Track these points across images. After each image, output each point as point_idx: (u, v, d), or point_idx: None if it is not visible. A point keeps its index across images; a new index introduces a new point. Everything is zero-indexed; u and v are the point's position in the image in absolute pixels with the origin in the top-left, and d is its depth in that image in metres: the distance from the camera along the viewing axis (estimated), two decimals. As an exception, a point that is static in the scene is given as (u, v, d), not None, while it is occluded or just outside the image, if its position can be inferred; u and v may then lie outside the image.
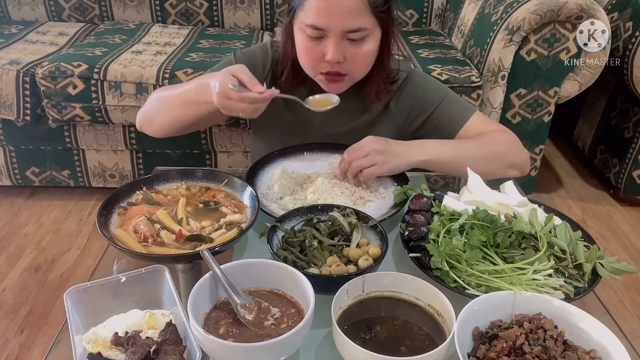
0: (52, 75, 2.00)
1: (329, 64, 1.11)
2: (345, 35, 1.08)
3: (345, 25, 1.06)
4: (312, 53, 1.12)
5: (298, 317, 0.76)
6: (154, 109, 1.22)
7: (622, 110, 2.42)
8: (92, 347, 0.73)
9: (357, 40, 1.09)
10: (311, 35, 1.09)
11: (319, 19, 1.06)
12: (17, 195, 2.36)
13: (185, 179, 1.08)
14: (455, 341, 0.69)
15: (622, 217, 2.39)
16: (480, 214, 0.92)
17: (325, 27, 1.07)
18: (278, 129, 1.32)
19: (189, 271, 0.92)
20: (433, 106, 1.25)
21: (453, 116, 1.24)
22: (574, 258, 0.89)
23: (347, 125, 1.29)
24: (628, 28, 2.17)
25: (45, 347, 1.63)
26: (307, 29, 1.09)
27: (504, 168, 1.19)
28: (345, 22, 1.06)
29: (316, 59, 1.12)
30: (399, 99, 1.27)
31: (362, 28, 1.07)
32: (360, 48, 1.10)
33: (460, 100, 1.29)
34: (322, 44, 1.09)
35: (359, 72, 1.17)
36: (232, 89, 1.00)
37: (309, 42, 1.10)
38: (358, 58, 1.12)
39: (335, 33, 1.07)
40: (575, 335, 0.75)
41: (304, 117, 1.28)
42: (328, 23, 1.06)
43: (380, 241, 0.94)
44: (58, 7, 2.64)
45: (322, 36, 1.09)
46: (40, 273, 1.94)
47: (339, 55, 1.09)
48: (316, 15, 1.06)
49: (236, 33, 2.58)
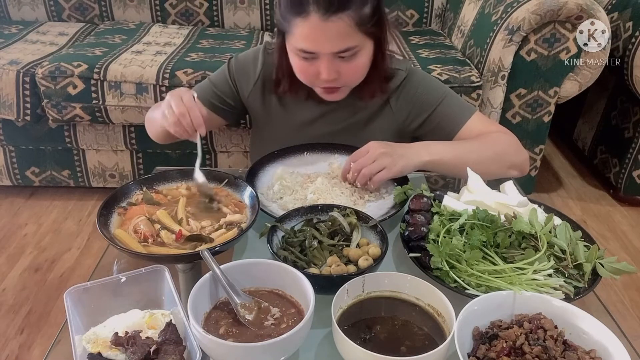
0: (52, 75, 2.00)
1: (325, 81, 1.13)
2: (336, 55, 1.10)
3: (334, 48, 1.08)
4: (307, 72, 1.15)
5: (298, 317, 0.76)
6: (147, 127, 1.36)
7: (622, 110, 2.42)
8: (92, 347, 0.73)
9: (349, 57, 1.11)
10: (304, 57, 1.12)
11: (307, 44, 1.09)
12: (17, 195, 2.36)
13: (185, 179, 1.08)
14: (455, 341, 0.69)
15: (622, 217, 2.39)
16: (480, 214, 0.92)
17: (315, 51, 1.09)
18: (276, 127, 1.32)
19: (189, 271, 0.92)
20: (433, 106, 1.25)
21: (453, 116, 1.24)
22: (574, 258, 0.89)
23: (346, 122, 1.29)
24: (628, 28, 2.17)
25: (45, 347, 1.63)
26: (299, 52, 1.11)
27: (504, 168, 1.19)
28: (334, 45, 1.08)
29: (312, 76, 1.15)
30: (399, 97, 1.28)
31: (352, 47, 1.09)
32: (352, 63, 1.13)
33: (460, 100, 1.29)
34: (315, 63, 1.12)
35: (354, 82, 1.20)
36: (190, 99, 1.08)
37: (303, 62, 1.13)
38: (351, 72, 1.15)
39: (325, 54, 1.09)
40: (575, 335, 0.75)
41: (302, 115, 1.29)
42: (317, 48, 1.09)
43: (380, 241, 0.94)
44: (58, 7, 2.64)
45: (314, 57, 1.11)
46: (40, 273, 1.94)
47: (333, 74, 1.12)
48: (304, 42, 1.09)
49: (236, 33, 2.58)
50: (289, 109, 1.30)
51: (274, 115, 1.32)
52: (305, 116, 1.30)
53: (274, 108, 1.31)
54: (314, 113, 1.29)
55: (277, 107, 1.31)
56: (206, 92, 1.30)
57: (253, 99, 1.31)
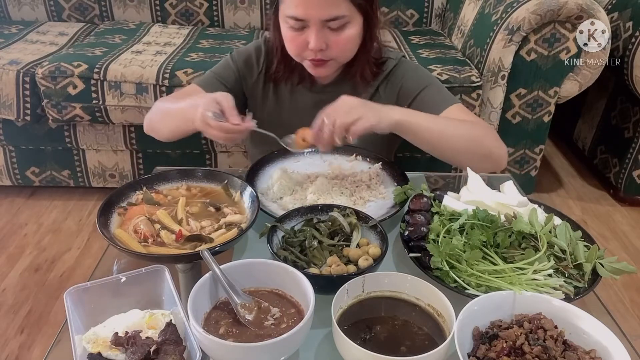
0: (52, 75, 2.00)
1: (313, 52, 1.15)
2: (325, 24, 1.12)
3: (323, 15, 1.11)
4: (296, 42, 1.17)
5: (298, 317, 0.76)
6: (156, 118, 1.29)
7: (622, 110, 2.42)
8: (92, 347, 0.73)
9: (337, 28, 1.13)
10: (293, 25, 1.14)
11: (298, 10, 1.11)
12: (17, 195, 2.36)
13: (185, 179, 1.08)
14: (455, 341, 0.69)
15: (622, 217, 2.39)
16: (480, 214, 0.92)
17: (305, 18, 1.12)
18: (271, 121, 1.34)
19: (189, 271, 0.92)
20: (415, 92, 1.26)
21: (432, 104, 1.24)
22: (574, 258, 0.89)
23: None
24: (628, 28, 2.17)
25: (45, 347, 1.63)
26: (289, 20, 1.14)
27: (481, 155, 1.17)
28: (323, 11, 1.10)
29: (300, 47, 1.17)
30: (387, 84, 1.30)
31: (340, 16, 1.12)
32: (341, 35, 1.15)
33: (443, 91, 1.29)
34: (304, 33, 1.14)
35: (342, 57, 1.22)
36: (210, 117, 1.03)
37: (292, 31, 1.15)
38: (340, 44, 1.16)
39: (315, 22, 1.12)
40: (575, 335, 0.75)
41: (295, 103, 1.32)
42: (307, 14, 1.11)
43: (380, 241, 0.94)
44: (58, 7, 2.64)
45: (304, 26, 1.13)
46: (40, 273, 1.94)
47: (321, 43, 1.14)
48: (295, 7, 1.11)
49: (236, 33, 2.58)
50: (284, 97, 1.33)
51: (269, 105, 1.34)
52: (298, 104, 1.32)
53: (270, 99, 1.34)
54: (306, 101, 1.31)
55: (272, 97, 1.34)
56: (210, 83, 1.31)
57: (255, 89, 1.34)
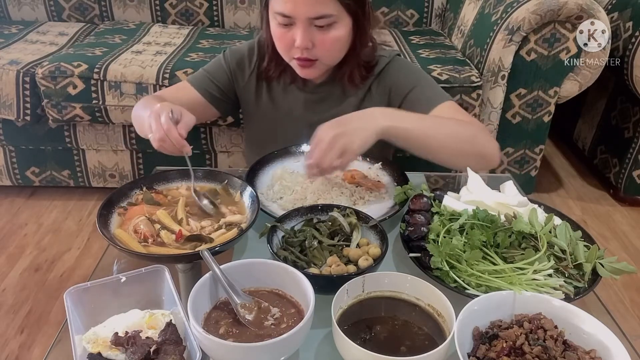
0: (52, 75, 2.00)
1: (299, 50, 1.15)
2: (312, 22, 1.12)
3: (310, 12, 1.10)
4: (283, 39, 1.17)
5: (298, 317, 0.76)
6: (134, 123, 1.26)
7: (622, 110, 2.42)
8: (92, 347, 0.73)
9: (324, 27, 1.13)
10: (281, 22, 1.14)
11: (285, 6, 1.11)
12: (17, 195, 2.36)
13: (185, 179, 1.08)
14: (455, 341, 0.69)
15: (622, 217, 2.39)
16: (480, 214, 0.92)
17: (292, 15, 1.11)
18: (266, 117, 1.36)
19: (189, 271, 0.92)
20: (406, 89, 1.25)
21: (424, 101, 1.22)
22: (574, 258, 0.89)
23: (333, 110, 1.29)
24: (628, 28, 2.17)
25: (45, 347, 1.63)
26: (277, 17, 1.14)
27: (474, 154, 1.14)
28: (310, 9, 1.10)
29: (288, 45, 1.17)
30: (380, 83, 1.29)
31: (327, 15, 1.11)
32: (327, 34, 1.14)
33: (436, 88, 1.28)
34: (292, 30, 1.14)
35: (329, 58, 1.21)
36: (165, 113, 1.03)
37: (281, 28, 1.16)
38: (326, 44, 1.16)
39: (302, 20, 1.11)
40: (575, 335, 0.75)
41: (288, 102, 1.32)
42: (294, 10, 1.11)
43: (380, 241, 0.94)
44: (58, 7, 2.64)
45: (291, 23, 1.13)
46: (40, 273, 1.94)
47: (307, 42, 1.13)
48: (283, 4, 1.11)
49: (236, 33, 2.58)
50: (276, 97, 1.33)
51: (263, 104, 1.34)
52: (290, 103, 1.32)
53: (264, 98, 1.34)
54: (298, 101, 1.31)
55: (266, 96, 1.34)
56: (202, 81, 1.32)
57: (247, 89, 1.34)
